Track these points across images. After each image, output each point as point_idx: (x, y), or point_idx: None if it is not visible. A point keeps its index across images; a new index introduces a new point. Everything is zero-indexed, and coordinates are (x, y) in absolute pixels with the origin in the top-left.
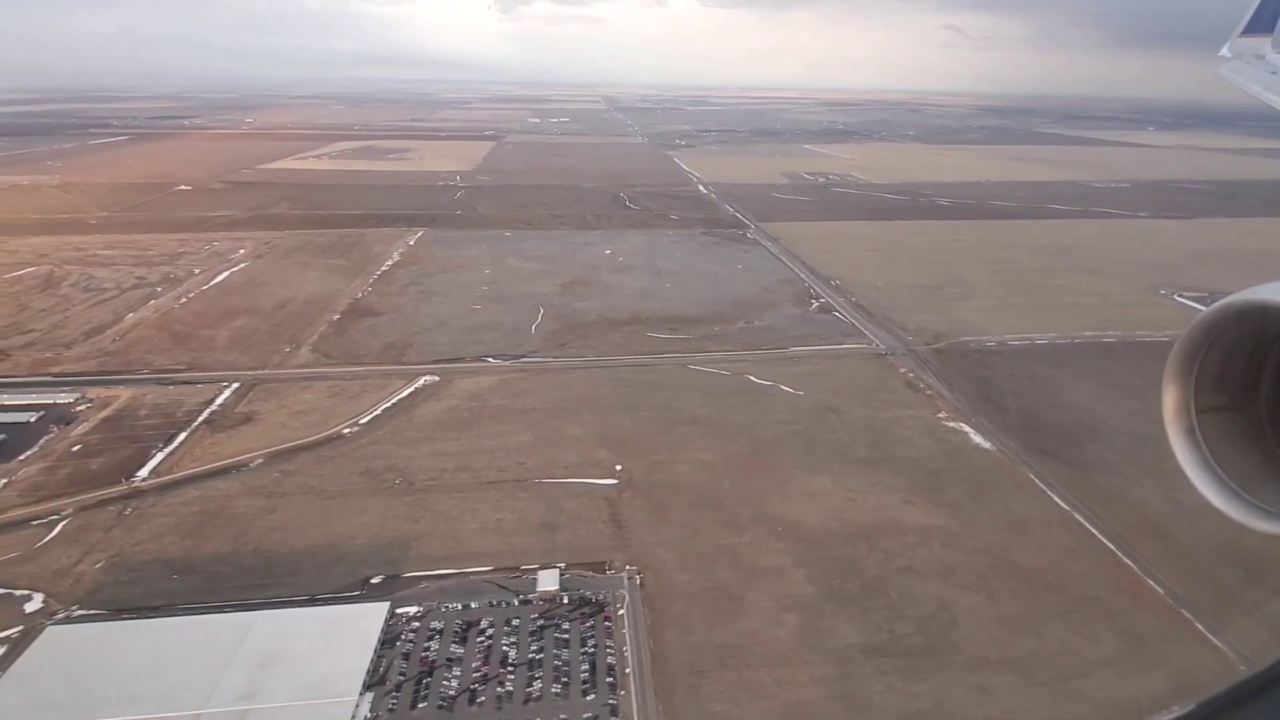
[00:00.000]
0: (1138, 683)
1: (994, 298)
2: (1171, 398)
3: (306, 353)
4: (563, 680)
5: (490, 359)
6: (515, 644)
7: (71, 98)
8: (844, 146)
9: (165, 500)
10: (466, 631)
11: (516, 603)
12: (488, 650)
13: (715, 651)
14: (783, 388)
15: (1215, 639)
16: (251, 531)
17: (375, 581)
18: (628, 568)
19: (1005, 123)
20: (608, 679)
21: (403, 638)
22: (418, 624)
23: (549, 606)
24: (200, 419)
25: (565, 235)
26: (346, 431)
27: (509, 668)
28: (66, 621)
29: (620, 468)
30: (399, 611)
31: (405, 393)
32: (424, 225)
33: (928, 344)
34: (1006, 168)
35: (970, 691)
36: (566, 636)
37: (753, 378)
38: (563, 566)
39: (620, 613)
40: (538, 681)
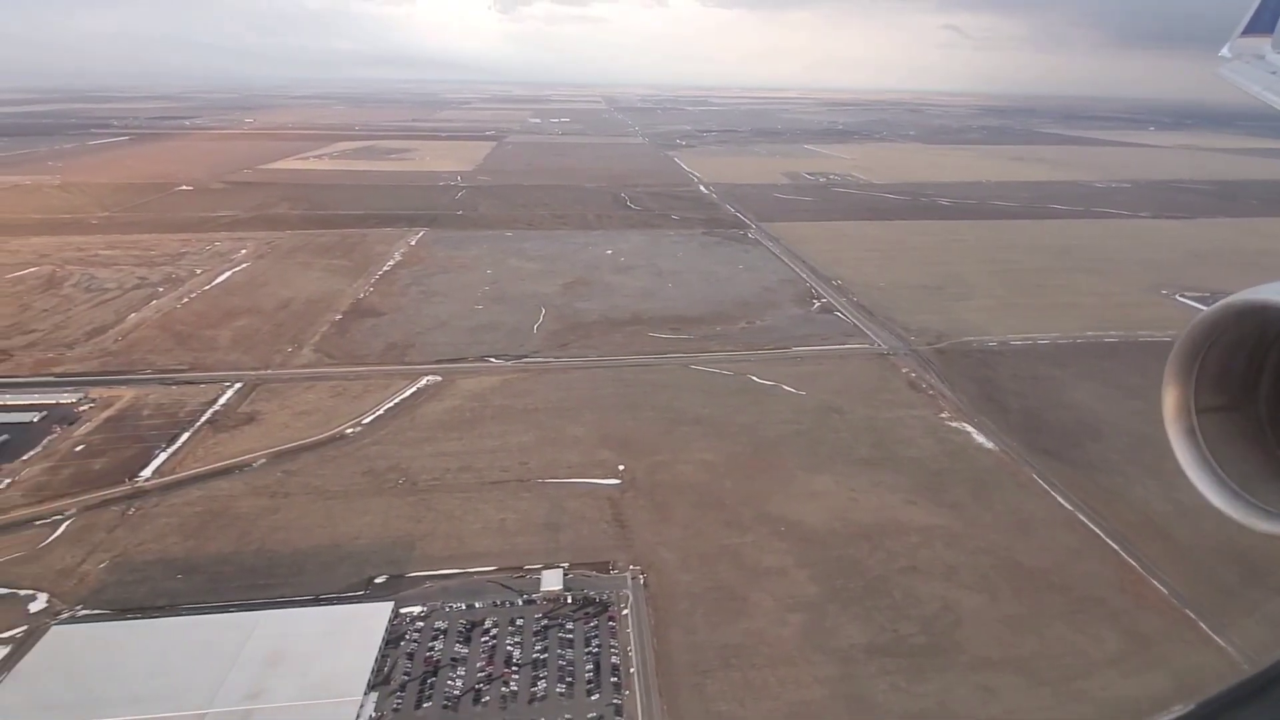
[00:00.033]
0: (1142, 682)
1: (995, 298)
2: (1171, 398)
3: (309, 353)
4: (567, 680)
5: (492, 359)
6: (519, 644)
7: (72, 98)
8: (844, 146)
9: (168, 500)
10: (470, 631)
11: (520, 602)
12: (492, 650)
13: (719, 651)
14: (785, 388)
15: (1219, 639)
16: (255, 531)
17: (379, 581)
18: (631, 568)
19: (1006, 123)
20: (612, 679)
21: (407, 637)
22: (422, 624)
23: (553, 606)
24: (203, 419)
25: (566, 235)
26: (349, 431)
27: (513, 667)
28: (71, 621)
29: (623, 468)
30: (403, 611)
31: (407, 393)
32: (425, 225)
33: (930, 344)
34: (1007, 168)
35: (974, 691)
36: (571, 636)
37: (755, 378)
38: (566, 566)
39: (624, 613)
40: (542, 681)
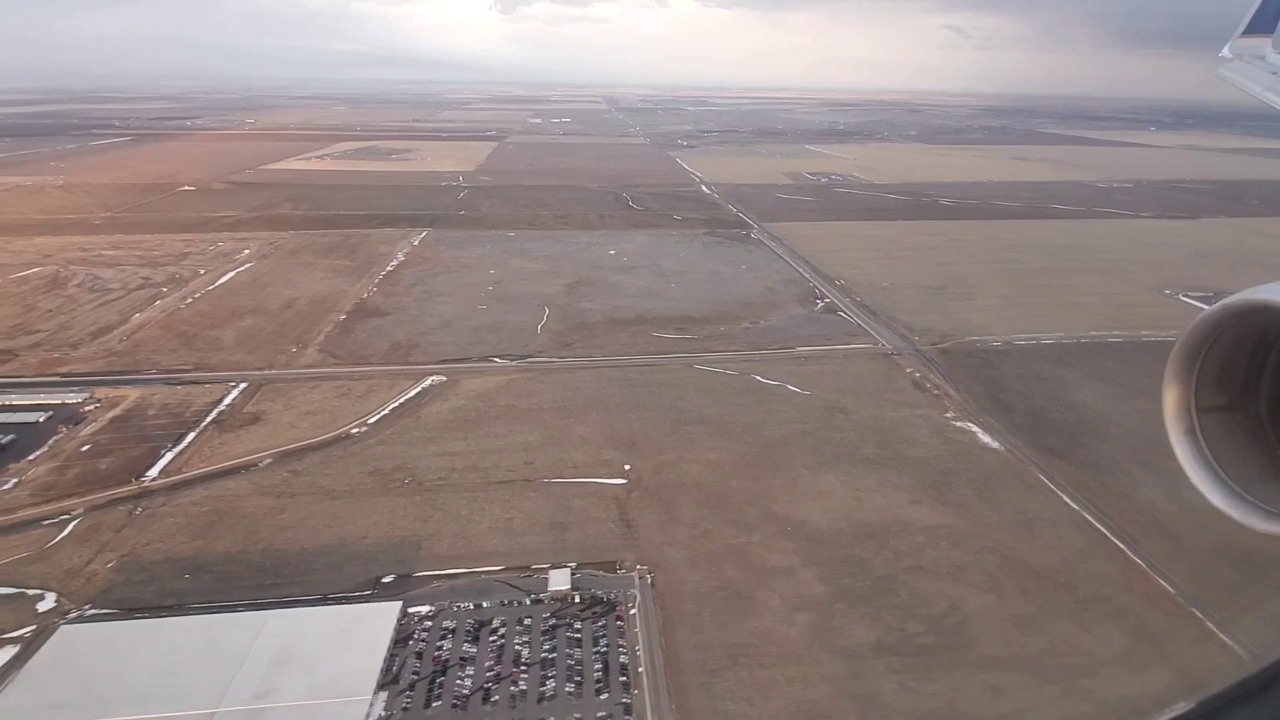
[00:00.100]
0: (1149, 681)
1: (999, 297)
2: (1172, 397)
3: (313, 353)
4: (576, 679)
5: (496, 359)
6: (528, 643)
7: (74, 98)
8: (846, 147)
9: (175, 500)
10: (479, 631)
11: (528, 602)
12: (500, 649)
13: (727, 650)
14: (789, 387)
15: (1226, 637)
16: (262, 531)
17: (387, 581)
18: (638, 567)
19: (1007, 123)
20: (621, 678)
21: (415, 637)
22: (430, 623)
23: (560, 606)
24: (208, 419)
25: (569, 235)
26: (355, 431)
27: (522, 667)
28: (79, 621)
29: (628, 467)
30: (411, 611)
31: (412, 393)
32: (428, 225)
33: (934, 344)
34: (1009, 168)
35: (982, 690)
36: (579, 636)
37: (759, 377)
38: (573, 566)
39: (632, 612)
40: (551, 680)
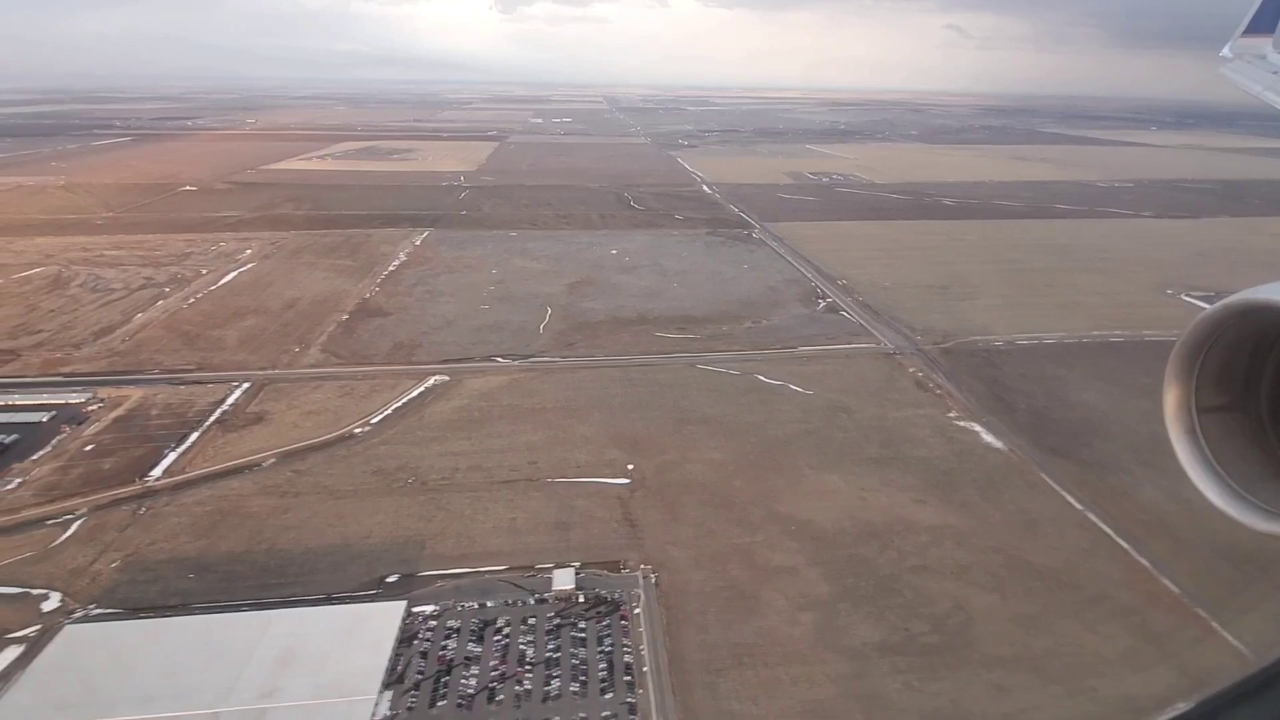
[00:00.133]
0: (1153, 680)
1: (1001, 297)
2: (1172, 397)
3: (316, 353)
4: (580, 679)
5: (499, 359)
6: (532, 643)
7: (74, 99)
8: (847, 146)
9: (179, 500)
10: (483, 630)
11: (532, 602)
12: (505, 649)
13: (732, 650)
14: (792, 387)
15: (1230, 636)
16: (266, 531)
17: (391, 580)
18: (642, 567)
19: (1007, 123)
20: (625, 678)
21: (420, 636)
22: (434, 623)
23: (565, 605)
24: (212, 419)
25: (571, 235)
26: (358, 431)
27: (527, 666)
28: (84, 621)
29: (632, 467)
30: (415, 610)
31: (415, 392)
32: (429, 225)
33: (936, 343)
34: (1010, 167)
35: (987, 690)
36: (583, 635)
37: (762, 377)
38: (578, 565)
39: (636, 611)
40: (556, 680)
